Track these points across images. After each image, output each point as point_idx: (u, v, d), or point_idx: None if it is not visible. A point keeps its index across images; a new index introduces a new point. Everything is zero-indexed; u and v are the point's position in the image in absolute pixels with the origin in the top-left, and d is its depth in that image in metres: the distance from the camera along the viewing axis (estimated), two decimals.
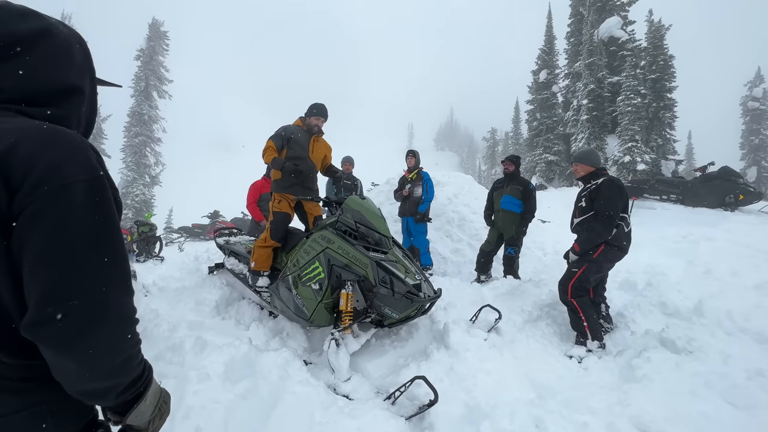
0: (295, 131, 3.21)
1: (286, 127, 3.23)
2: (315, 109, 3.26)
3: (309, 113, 3.27)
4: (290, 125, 3.28)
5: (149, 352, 2.51)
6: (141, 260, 5.86)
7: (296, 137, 3.20)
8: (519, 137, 32.88)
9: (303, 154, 3.23)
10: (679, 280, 4.26)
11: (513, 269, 4.55)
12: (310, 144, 3.28)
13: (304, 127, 3.27)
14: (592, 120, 16.46)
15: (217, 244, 4.02)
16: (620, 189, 2.94)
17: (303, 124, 3.28)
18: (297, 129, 3.24)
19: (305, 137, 3.25)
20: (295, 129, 3.23)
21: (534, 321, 3.22)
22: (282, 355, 2.30)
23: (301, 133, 3.24)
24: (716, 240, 6.50)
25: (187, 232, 14.65)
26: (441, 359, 2.35)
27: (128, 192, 20.16)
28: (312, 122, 3.24)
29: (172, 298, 3.64)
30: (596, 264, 2.98)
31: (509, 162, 4.67)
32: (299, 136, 3.22)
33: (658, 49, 17.84)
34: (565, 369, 2.59)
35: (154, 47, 21.77)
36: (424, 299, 2.36)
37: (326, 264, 2.53)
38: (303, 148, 3.24)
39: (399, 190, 5.18)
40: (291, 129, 3.21)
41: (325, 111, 3.29)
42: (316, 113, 3.24)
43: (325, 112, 3.28)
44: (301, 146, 3.22)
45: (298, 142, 3.21)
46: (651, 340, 2.91)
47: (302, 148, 3.23)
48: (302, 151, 3.23)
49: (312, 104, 3.32)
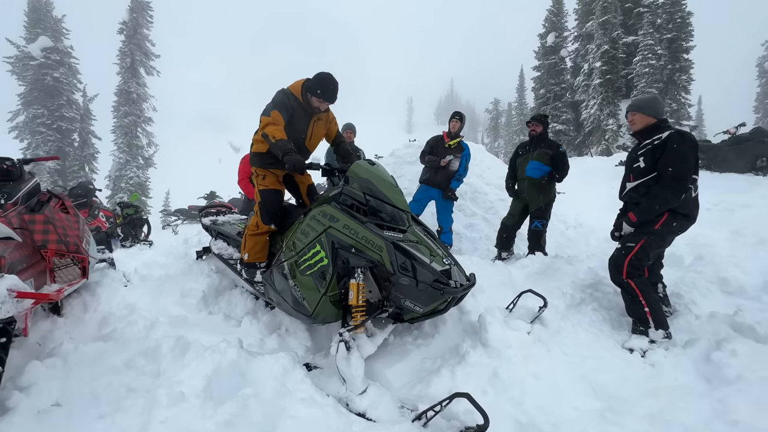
0: (296, 106, 2.45)
1: (288, 94, 2.44)
2: (320, 89, 2.38)
3: (312, 90, 2.40)
4: (290, 93, 2.46)
5: (117, 358, 2.04)
6: (127, 245, 5.37)
7: (297, 115, 2.46)
8: (524, 107, 31.73)
9: (299, 140, 2.54)
10: (732, 252, 3.75)
11: (540, 245, 4.02)
12: (310, 127, 2.56)
13: (303, 102, 2.47)
14: (605, 84, 15.54)
15: (203, 224, 3.50)
16: (693, 144, 2.37)
17: (303, 98, 2.46)
18: (297, 103, 2.45)
19: (305, 117, 2.50)
20: (295, 103, 2.45)
21: (577, 305, 2.74)
22: (279, 362, 1.82)
23: (301, 111, 2.47)
24: (753, 207, 5.97)
25: (183, 214, 14.15)
26: (479, 361, 1.87)
27: (122, 175, 19.52)
28: (314, 103, 2.45)
29: (155, 288, 3.16)
30: (658, 237, 2.45)
31: (536, 122, 4.04)
32: (300, 114, 2.47)
33: (675, 5, 16.65)
34: (628, 366, 2.11)
35: (137, 19, 20.46)
36: (457, 289, 1.84)
37: (330, 247, 2.01)
38: (301, 132, 2.52)
39: (430, 154, 4.37)
40: (292, 102, 2.43)
41: (333, 95, 2.43)
42: (321, 95, 2.39)
43: (333, 96, 2.43)
44: (298, 129, 2.49)
45: (297, 123, 2.47)
46: (722, 326, 2.42)
47: (301, 131, 2.52)
48: (300, 135, 2.53)
49: (318, 78, 2.40)
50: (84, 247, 2.52)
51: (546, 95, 20.77)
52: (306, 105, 2.47)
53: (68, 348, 2.02)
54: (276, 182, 2.57)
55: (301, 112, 2.47)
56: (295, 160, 2.15)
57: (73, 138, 20.37)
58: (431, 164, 4.34)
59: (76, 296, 2.63)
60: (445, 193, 4.29)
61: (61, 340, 2.13)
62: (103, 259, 3.31)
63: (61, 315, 2.40)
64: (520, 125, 32.93)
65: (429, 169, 4.38)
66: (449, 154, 4.26)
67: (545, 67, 20.95)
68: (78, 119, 20.24)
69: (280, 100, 2.41)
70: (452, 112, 4.57)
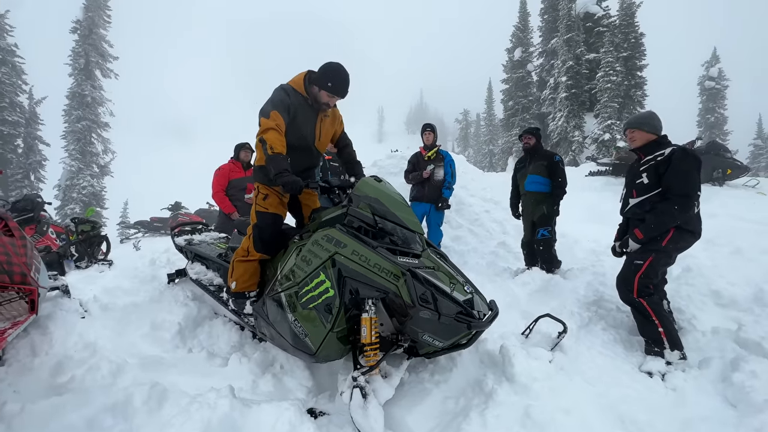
0: (299, 103, 2.14)
1: (288, 90, 2.13)
2: (331, 82, 2.09)
3: (320, 83, 2.10)
4: (291, 89, 2.15)
5: (77, 415, 1.68)
6: (82, 266, 4.78)
7: (301, 113, 2.14)
8: (493, 118, 32.80)
9: (308, 140, 2.21)
10: (713, 263, 3.86)
11: (552, 254, 3.91)
12: (317, 126, 2.24)
13: (308, 97, 2.17)
14: (570, 98, 16.29)
15: (177, 245, 3.12)
16: (697, 161, 2.37)
17: (307, 92, 2.16)
18: (300, 99, 2.15)
19: (311, 114, 2.19)
20: (297, 99, 2.14)
21: (587, 326, 2.66)
22: (284, 415, 1.55)
23: (306, 108, 2.17)
24: (718, 216, 6.31)
25: (145, 226, 13.16)
26: (507, 399, 1.70)
27: (73, 184, 17.96)
28: (323, 98, 2.14)
29: (120, 320, 2.75)
30: (665, 253, 2.42)
31: (529, 135, 4.01)
32: (304, 112, 2.16)
33: (629, 27, 17.90)
34: (651, 392, 2.02)
35: (92, 18, 19.13)
36: (483, 323, 1.67)
37: (336, 277, 1.77)
38: (308, 131, 2.20)
39: (413, 171, 4.37)
40: (293, 97, 2.12)
41: (346, 88, 2.14)
42: (332, 89, 2.10)
43: (345, 90, 2.14)
44: (306, 128, 2.18)
45: (303, 123, 2.16)
46: (727, 342, 2.42)
47: (308, 131, 2.20)
48: (308, 136, 2.20)
49: (328, 69, 2.10)
50: (33, 275, 2.10)
51: (514, 107, 21.56)
52: (312, 100, 2.17)
53: (13, 409, 1.64)
54: (279, 205, 2.23)
55: (306, 108, 2.17)
56: (291, 182, 1.89)
57: (17, 144, 18.56)
58: (416, 180, 4.37)
59: (23, 336, 2.19)
60: (437, 204, 4.19)
61: (3, 398, 1.73)
62: (55, 287, 2.83)
63: (2, 363, 1.98)
64: (489, 135, 34.00)
65: (416, 185, 4.39)
66: (431, 164, 4.28)
67: (513, 80, 21.79)
68: (23, 123, 18.49)
69: (278, 98, 2.09)
70: (422, 125, 4.53)
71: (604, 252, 4.65)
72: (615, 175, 10.17)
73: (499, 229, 5.74)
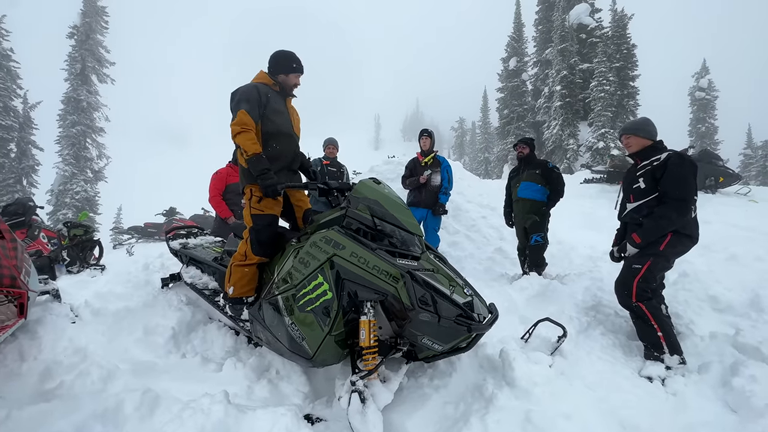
0: (269, 91, 2.23)
1: (257, 86, 2.21)
2: (295, 63, 2.30)
3: (284, 69, 2.29)
4: (259, 84, 2.25)
5: (66, 422, 1.63)
6: (74, 271, 4.69)
7: (273, 100, 2.23)
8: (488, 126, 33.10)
9: (286, 126, 2.30)
10: (709, 268, 3.89)
11: (541, 258, 3.94)
12: (290, 111, 2.38)
13: (275, 86, 2.30)
14: (565, 106, 16.51)
15: (171, 249, 3.08)
16: (693, 165, 2.39)
17: (272, 81, 2.30)
18: (269, 89, 2.26)
19: (281, 101, 2.31)
20: (268, 90, 2.24)
21: (585, 330, 2.64)
22: (280, 422, 1.52)
23: (275, 94, 2.28)
24: (712, 223, 6.38)
25: (138, 232, 13.01)
26: (508, 404, 1.67)
27: (67, 189, 17.78)
28: (291, 81, 2.31)
29: (111, 325, 2.68)
30: (663, 258, 2.42)
31: (523, 145, 4.07)
32: (276, 98, 2.26)
33: (621, 38, 18.23)
34: (651, 397, 2.00)
35: (90, 24, 19.15)
36: (483, 326, 1.65)
37: (334, 279, 1.75)
38: (284, 118, 2.29)
39: (410, 177, 4.39)
40: (262, 89, 2.21)
41: (302, 64, 2.36)
42: (299, 68, 2.31)
43: (302, 65, 2.35)
44: (281, 114, 2.27)
45: (277, 110, 2.24)
46: (726, 347, 2.41)
47: (284, 118, 2.28)
48: (285, 122, 2.29)
49: (282, 55, 2.30)
50: (22, 279, 2.05)
51: (510, 115, 21.79)
52: (281, 87, 2.32)
53: None
54: (273, 205, 2.22)
55: (276, 96, 2.29)
56: (271, 184, 1.98)
57: (10, 148, 18.37)
58: (413, 185, 4.38)
59: (11, 341, 2.14)
60: (434, 209, 4.19)
61: None
62: (45, 291, 2.77)
63: None
64: (485, 143, 34.27)
65: (413, 191, 4.40)
66: (427, 170, 4.29)
67: (508, 89, 22.06)
68: (16, 128, 18.32)
69: (246, 94, 2.15)
70: (420, 131, 4.56)
71: (601, 258, 4.68)
72: (609, 182, 10.26)
73: (496, 235, 5.75)
